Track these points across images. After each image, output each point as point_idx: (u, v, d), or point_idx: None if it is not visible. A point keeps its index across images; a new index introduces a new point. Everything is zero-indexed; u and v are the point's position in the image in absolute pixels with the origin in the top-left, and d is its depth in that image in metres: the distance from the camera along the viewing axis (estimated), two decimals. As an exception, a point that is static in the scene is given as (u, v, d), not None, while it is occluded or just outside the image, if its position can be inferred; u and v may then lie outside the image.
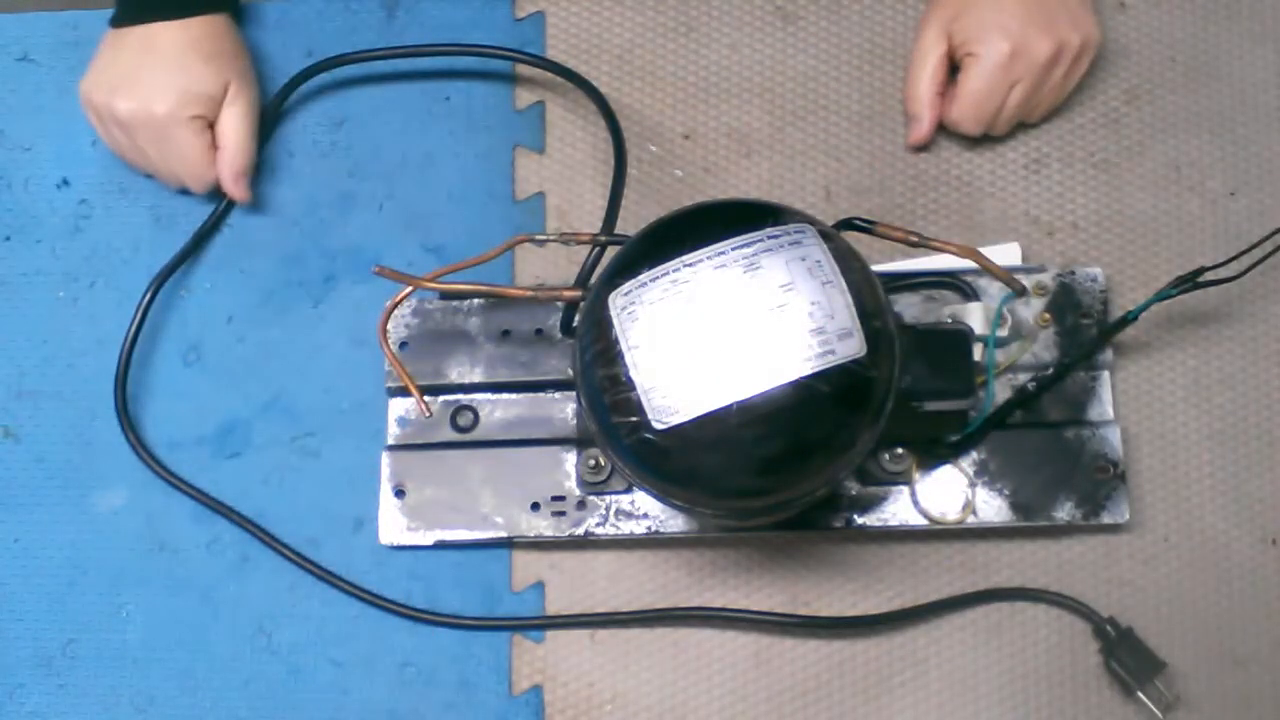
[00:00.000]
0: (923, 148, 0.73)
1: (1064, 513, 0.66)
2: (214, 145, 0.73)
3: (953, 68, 0.71)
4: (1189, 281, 0.63)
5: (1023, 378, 0.68)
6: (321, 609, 0.70)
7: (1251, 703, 0.67)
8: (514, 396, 0.70)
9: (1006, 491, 0.67)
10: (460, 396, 0.70)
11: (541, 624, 0.69)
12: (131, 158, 0.73)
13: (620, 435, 0.51)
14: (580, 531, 0.68)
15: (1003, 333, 0.65)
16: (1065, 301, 0.69)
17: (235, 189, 0.73)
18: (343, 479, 0.72)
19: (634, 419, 0.50)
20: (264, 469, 0.72)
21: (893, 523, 0.67)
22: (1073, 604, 0.67)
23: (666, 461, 0.52)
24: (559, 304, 0.68)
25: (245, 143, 0.73)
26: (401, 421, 0.71)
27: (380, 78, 0.77)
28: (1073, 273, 0.69)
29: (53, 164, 0.77)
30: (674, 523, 0.68)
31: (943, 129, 0.73)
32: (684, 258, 0.51)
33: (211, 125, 0.72)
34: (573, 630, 0.69)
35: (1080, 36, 0.69)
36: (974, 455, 0.67)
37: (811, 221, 0.53)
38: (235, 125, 0.72)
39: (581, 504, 0.68)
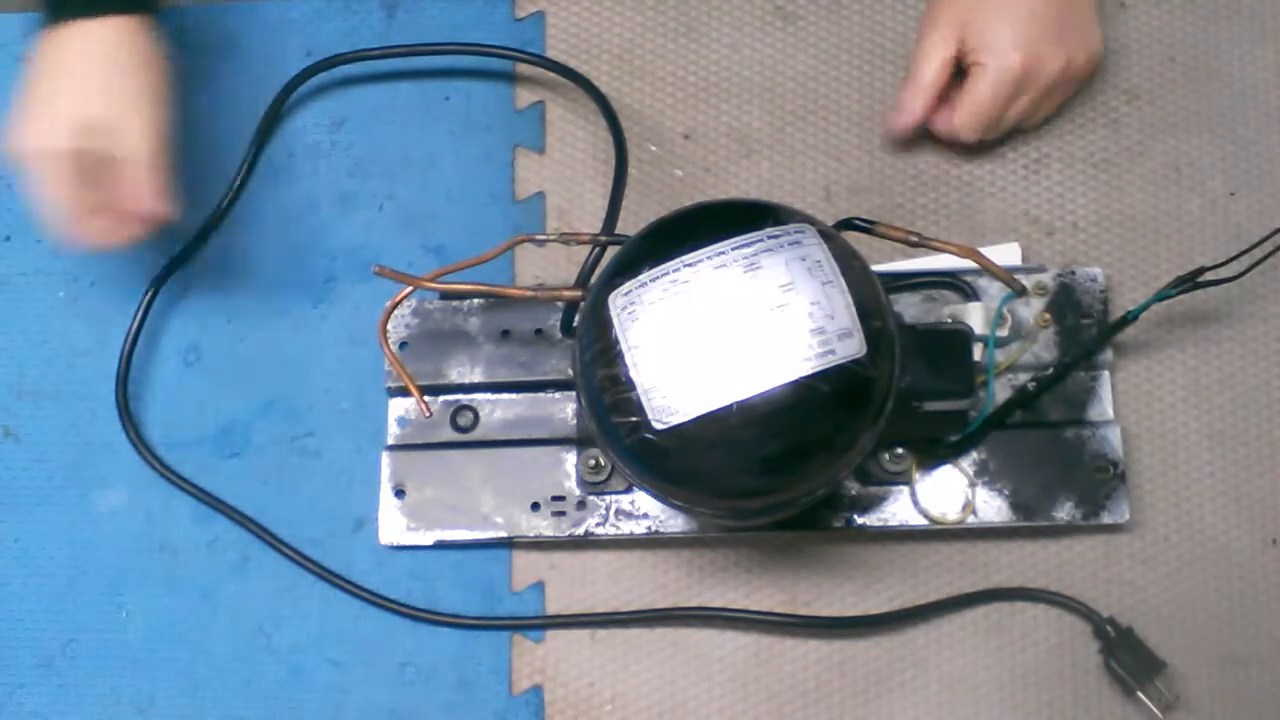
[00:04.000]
0: (901, 142, 0.72)
1: (1064, 513, 0.66)
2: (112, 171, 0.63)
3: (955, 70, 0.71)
4: (1189, 281, 0.63)
5: (1023, 378, 0.68)
6: (321, 609, 0.70)
7: (1251, 703, 0.67)
8: (514, 396, 0.70)
9: (1006, 491, 0.67)
10: (460, 396, 0.70)
11: (541, 624, 0.69)
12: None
13: (620, 435, 0.51)
14: (580, 531, 0.68)
15: (1003, 333, 0.65)
16: (1065, 301, 0.69)
17: (155, 206, 0.64)
18: (343, 479, 0.72)
19: (634, 419, 0.50)
20: (264, 469, 0.72)
21: (893, 523, 0.67)
22: (1073, 604, 0.67)
23: (666, 461, 0.52)
24: (559, 304, 0.68)
25: (155, 159, 0.64)
26: (401, 421, 0.71)
27: (380, 77, 0.77)
28: (1073, 273, 0.69)
29: (53, 164, 0.77)
30: (674, 523, 0.68)
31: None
32: (684, 258, 0.51)
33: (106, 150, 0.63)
34: (573, 630, 0.69)
35: (1086, 54, 0.69)
36: (974, 455, 0.67)
37: (811, 221, 0.53)
38: (142, 142, 0.63)
39: (581, 504, 0.68)
